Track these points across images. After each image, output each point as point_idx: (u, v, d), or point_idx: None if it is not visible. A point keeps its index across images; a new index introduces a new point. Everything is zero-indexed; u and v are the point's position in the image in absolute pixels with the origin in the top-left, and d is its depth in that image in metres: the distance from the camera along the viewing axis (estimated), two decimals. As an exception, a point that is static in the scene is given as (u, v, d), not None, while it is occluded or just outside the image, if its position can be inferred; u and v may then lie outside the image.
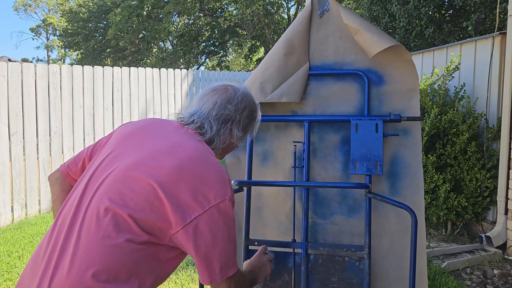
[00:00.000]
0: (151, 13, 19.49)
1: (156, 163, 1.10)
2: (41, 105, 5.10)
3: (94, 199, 1.09)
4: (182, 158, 1.11)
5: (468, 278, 3.13)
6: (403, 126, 1.91)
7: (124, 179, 1.09)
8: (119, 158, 1.16)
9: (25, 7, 35.68)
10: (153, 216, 1.06)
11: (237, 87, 1.37)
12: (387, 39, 1.79)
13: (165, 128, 1.25)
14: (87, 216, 1.07)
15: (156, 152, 1.13)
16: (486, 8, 6.06)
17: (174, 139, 1.18)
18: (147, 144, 1.17)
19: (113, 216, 1.05)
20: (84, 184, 1.15)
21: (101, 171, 1.15)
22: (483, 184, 3.74)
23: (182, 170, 1.08)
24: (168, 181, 1.07)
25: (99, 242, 1.02)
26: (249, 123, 1.38)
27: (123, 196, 1.07)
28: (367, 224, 1.82)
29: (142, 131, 1.24)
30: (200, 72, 8.45)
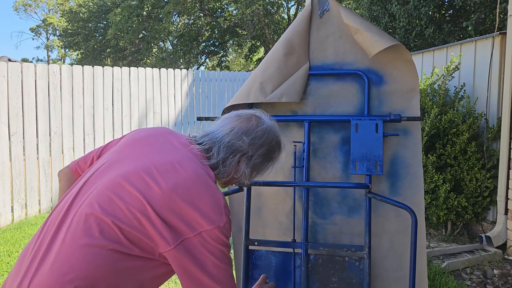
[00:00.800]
0: (151, 13, 19.49)
1: (152, 180, 1.06)
2: (41, 105, 5.10)
3: (84, 203, 1.07)
4: (179, 180, 1.06)
5: (468, 278, 3.13)
6: (403, 126, 1.90)
7: (117, 188, 1.06)
8: (118, 165, 1.13)
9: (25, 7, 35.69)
10: (140, 230, 1.02)
11: (263, 120, 1.25)
12: (388, 39, 1.79)
13: (171, 142, 1.19)
14: (75, 219, 1.04)
15: (155, 167, 1.09)
16: (486, 8, 6.06)
17: (176, 156, 1.13)
18: (148, 156, 1.13)
19: (99, 223, 1.02)
20: (79, 186, 1.13)
21: (98, 176, 1.13)
22: (483, 184, 3.74)
23: (176, 192, 1.04)
24: (159, 201, 1.03)
25: (82, 247, 1.00)
26: (262, 163, 1.26)
27: (113, 205, 1.04)
28: (367, 224, 1.82)
29: (148, 140, 1.20)
30: (200, 72, 8.45)
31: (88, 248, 1.00)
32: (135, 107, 6.55)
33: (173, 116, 7.44)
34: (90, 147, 5.69)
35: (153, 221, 1.02)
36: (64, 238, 1.03)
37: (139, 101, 6.66)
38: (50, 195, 5.21)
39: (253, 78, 2.01)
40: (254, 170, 1.26)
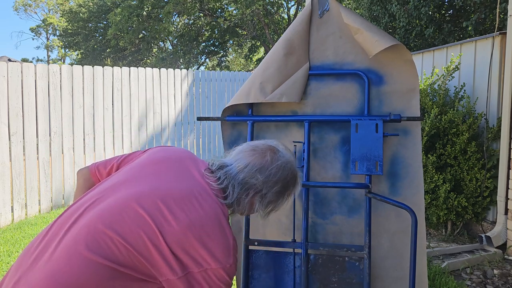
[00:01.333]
0: (151, 13, 19.49)
1: (168, 211, 1.05)
2: (41, 105, 5.10)
3: (95, 215, 1.07)
4: (195, 215, 1.06)
5: (468, 278, 3.13)
6: (403, 126, 1.90)
7: (129, 209, 1.06)
8: (135, 184, 1.12)
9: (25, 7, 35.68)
10: (146, 257, 1.02)
11: (278, 156, 1.22)
12: (388, 39, 1.79)
13: (190, 170, 1.17)
14: (83, 228, 1.05)
15: (172, 196, 1.08)
16: (486, 8, 6.06)
17: (194, 188, 1.11)
18: (166, 181, 1.12)
19: (104, 239, 1.02)
20: (96, 196, 1.13)
21: (114, 189, 1.12)
22: (483, 184, 3.74)
23: (190, 229, 1.04)
24: (173, 235, 1.03)
25: (80, 256, 1.00)
26: (277, 199, 1.24)
27: (123, 225, 1.04)
28: (367, 224, 1.82)
29: (169, 163, 1.18)
30: (200, 72, 8.45)
31: (85, 259, 1.00)
32: (135, 107, 6.55)
33: (173, 116, 7.44)
34: (90, 147, 5.70)
35: (162, 252, 1.02)
36: (68, 243, 1.04)
37: (139, 101, 6.66)
38: (50, 195, 5.21)
39: (253, 78, 2.01)
40: (268, 208, 1.25)
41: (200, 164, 1.21)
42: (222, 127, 2.11)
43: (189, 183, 1.12)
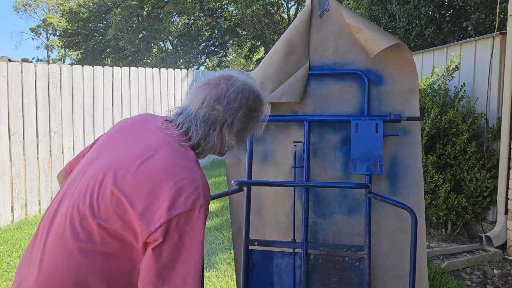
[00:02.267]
0: (151, 13, 19.49)
1: (125, 170, 1.03)
2: (41, 105, 5.10)
3: (69, 205, 1.06)
4: (152, 165, 1.02)
5: (468, 278, 3.13)
6: (403, 126, 1.90)
7: (94, 185, 1.05)
8: (96, 161, 1.11)
9: (25, 7, 35.68)
10: (120, 224, 1.00)
11: (233, 80, 1.16)
12: (390, 38, 1.79)
13: (147, 128, 1.15)
14: (62, 223, 1.04)
15: (128, 157, 1.06)
16: (486, 8, 6.06)
17: (151, 141, 1.08)
18: (124, 147, 1.10)
19: (84, 225, 1.01)
20: (65, 188, 1.12)
21: (80, 174, 1.12)
22: (483, 184, 3.74)
23: (150, 177, 1.00)
24: (132, 189, 1.00)
25: (71, 251, 1.00)
26: (247, 125, 1.18)
27: (93, 204, 1.02)
28: (367, 224, 1.82)
29: (127, 131, 1.16)
30: (200, 72, 8.45)
31: (78, 252, 1.00)
32: (135, 107, 6.55)
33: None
34: (90, 147, 5.70)
35: (128, 212, 0.99)
36: (53, 243, 1.03)
37: (139, 101, 6.66)
38: (50, 195, 5.21)
39: (253, 78, 2.01)
40: (240, 135, 1.18)
41: (158, 120, 1.18)
42: (222, 127, 2.11)
43: (145, 141, 1.09)
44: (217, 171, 7.39)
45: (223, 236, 4.12)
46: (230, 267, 3.35)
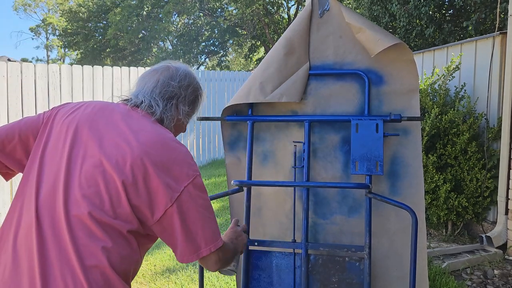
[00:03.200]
0: (151, 13, 19.49)
1: (120, 157, 1.06)
2: (40, 105, 5.09)
3: (71, 204, 1.02)
4: (145, 146, 1.08)
5: (468, 278, 3.12)
6: (403, 126, 1.90)
7: (95, 181, 1.04)
8: (83, 156, 1.08)
9: (25, 7, 35.66)
10: (131, 211, 1.04)
11: (179, 65, 1.34)
12: (390, 38, 1.79)
13: (116, 112, 1.17)
14: (69, 225, 1.00)
15: (117, 144, 1.08)
16: (487, 8, 6.05)
17: (131, 125, 1.13)
18: (106, 136, 1.10)
19: (98, 223, 1.01)
20: (62, 184, 1.06)
21: (67, 173, 1.06)
22: (483, 184, 3.74)
23: (148, 158, 1.06)
24: (135, 174, 1.04)
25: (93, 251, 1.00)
26: (195, 100, 1.35)
27: (102, 200, 1.03)
28: (367, 224, 1.82)
29: (96, 120, 1.15)
30: (200, 72, 8.45)
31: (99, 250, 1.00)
32: (135, 107, 6.55)
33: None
34: (90, 147, 5.69)
35: (134, 198, 1.04)
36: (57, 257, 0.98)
37: (139, 101, 6.65)
38: (49, 195, 5.21)
39: (253, 78, 2.00)
40: (191, 107, 1.34)
41: (118, 105, 1.23)
42: (222, 127, 2.11)
43: (125, 126, 1.13)
44: (217, 171, 7.38)
45: (223, 236, 4.11)
46: (230, 267, 3.34)
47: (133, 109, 1.20)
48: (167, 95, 1.26)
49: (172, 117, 1.27)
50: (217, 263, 1.15)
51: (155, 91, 1.25)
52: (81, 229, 1.00)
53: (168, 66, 1.33)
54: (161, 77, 1.28)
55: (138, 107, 1.21)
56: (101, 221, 1.02)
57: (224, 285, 3.04)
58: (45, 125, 1.18)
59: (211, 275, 3.20)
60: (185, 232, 1.08)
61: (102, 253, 1.00)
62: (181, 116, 1.30)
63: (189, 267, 3.36)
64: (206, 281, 3.09)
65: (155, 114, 1.21)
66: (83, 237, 1.00)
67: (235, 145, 2.10)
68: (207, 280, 3.11)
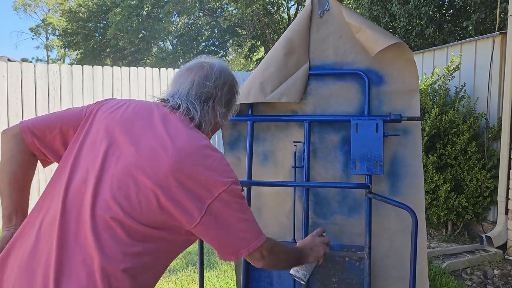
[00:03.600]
0: (151, 13, 19.49)
1: (155, 163, 1.04)
2: (40, 105, 5.09)
3: (99, 204, 1.02)
4: (181, 153, 1.06)
5: (468, 279, 3.12)
6: (403, 126, 1.90)
7: (126, 184, 1.03)
8: (118, 157, 1.08)
9: (25, 7, 35.64)
10: (163, 218, 1.04)
11: (213, 62, 1.30)
12: (390, 37, 1.79)
13: (156, 115, 1.16)
14: (96, 225, 1.00)
15: (153, 148, 1.07)
16: (487, 8, 6.05)
17: (169, 130, 1.11)
18: (143, 138, 1.10)
19: (123, 226, 1.01)
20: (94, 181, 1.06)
21: (100, 171, 1.06)
22: (483, 184, 3.74)
23: (182, 165, 1.04)
24: (169, 181, 1.03)
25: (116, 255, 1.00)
26: (231, 99, 1.32)
27: (131, 204, 1.02)
28: (367, 224, 1.82)
29: (134, 121, 1.14)
30: (200, 72, 8.44)
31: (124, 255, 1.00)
32: (135, 107, 6.55)
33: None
34: (90, 147, 5.69)
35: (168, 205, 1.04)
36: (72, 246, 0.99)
37: (139, 101, 6.65)
38: (49, 195, 5.21)
39: (253, 78, 2.00)
40: (228, 107, 1.32)
41: (158, 106, 1.21)
42: (222, 127, 2.10)
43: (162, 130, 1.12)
44: (217, 171, 7.38)
45: (223, 236, 4.11)
46: (230, 267, 3.34)
47: (172, 112, 1.18)
48: (203, 96, 1.23)
49: (209, 121, 1.25)
50: (261, 260, 1.15)
51: (191, 93, 1.22)
52: (105, 229, 1.00)
53: (202, 64, 1.29)
54: (196, 78, 1.24)
55: (177, 110, 1.19)
56: (126, 225, 1.01)
57: (224, 285, 3.04)
58: (86, 120, 1.19)
59: (211, 275, 3.20)
60: (221, 236, 1.09)
61: (122, 257, 0.99)
62: (218, 118, 1.28)
63: (189, 267, 3.36)
64: (206, 281, 3.09)
65: (194, 120, 1.19)
66: (106, 237, 1.00)
67: (235, 145, 2.10)
68: (207, 280, 3.11)
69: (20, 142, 1.18)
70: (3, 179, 1.19)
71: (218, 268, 3.35)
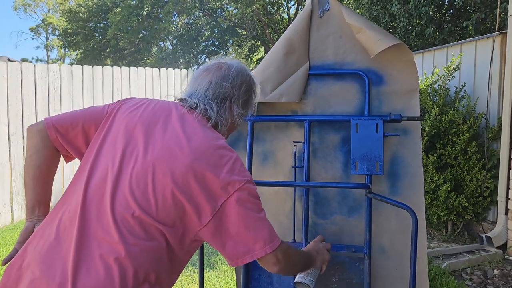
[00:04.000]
0: (151, 13, 19.49)
1: (171, 162, 1.07)
2: (40, 105, 5.09)
3: (118, 201, 1.05)
4: (197, 153, 1.08)
5: (468, 279, 3.12)
6: (403, 126, 1.90)
7: (144, 182, 1.06)
8: (137, 155, 1.11)
9: (25, 7, 35.63)
10: (177, 216, 1.06)
11: (231, 63, 1.31)
12: (391, 38, 1.79)
13: (174, 115, 1.19)
14: (114, 220, 1.04)
15: (170, 147, 1.10)
16: (487, 8, 6.05)
17: (186, 129, 1.14)
18: (161, 138, 1.13)
19: (140, 223, 1.04)
20: (113, 177, 1.08)
21: (119, 169, 1.09)
22: (483, 184, 3.74)
23: (197, 165, 1.07)
24: (185, 179, 1.06)
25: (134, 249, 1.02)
26: (248, 99, 1.33)
27: (149, 203, 1.05)
28: (367, 224, 1.82)
29: (153, 121, 1.17)
30: (200, 72, 8.44)
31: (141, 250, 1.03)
32: (135, 107, 6.54)
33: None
34: (90, 147, 5.69)
35: (183, 203, 1.05)
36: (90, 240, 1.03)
37: (139, 101, 6.65)
38: (49, 195, 5.20)
39: (253, 78, 2.00)
40: (245, 108, 1.32)
41: (176, 106, 1.23)
42: (222, 127, 2.10)
43: (179, 129, 1.14)
44: (217, 171, 7.38)
45: (223, 236, 4.11)
46: (230, 267, 3.35)
47: (190, 112, 1.20)
48: (220, 97, 1.24)
49: (226, 121, 1.26)
50: (276, 265, 1.13)
51: (208, 93, 1.24)
52: (124, 225, 1.03)
53: (220, 65, 1.30)
54: (214, 78, 1.26)
55: (194, 110, 1.21)
56: (143, 221, 1.04)
57: (224, 285, 3.04)
58: (107, 118, 1.22)
59: (211, 275, 3.20)
60: (233, 236, 1.08)
61: (139, 252, 1.02)
62: (235, 119, 1.29)
63: (189, 267, 3.36)
64: (206, 281, 3.09)
65: (210, 119, 1.21)
66: (125, 233, 1.02)
67: (235, 145, 2.10)
68: (207, 280, 3.11)
69: (45, 138, 1.22)
70: (28, 173, 1.23)
71: (218, 268, 3.35)
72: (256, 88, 1.36)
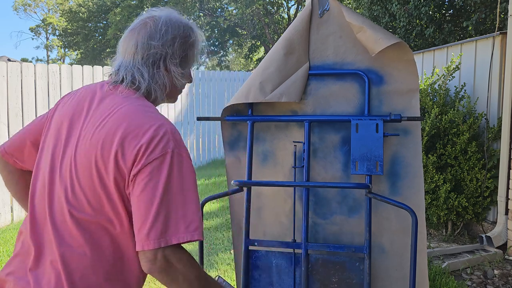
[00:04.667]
0: (151, 13, 19.46)
1: (91, 149, 1.01)
2: (40, 105, 5.09)
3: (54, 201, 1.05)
4: (116, 123, 1.00)
5: (468, 279, 3.12)
6: (403, 126, 1.90)
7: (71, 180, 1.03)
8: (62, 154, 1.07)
9: (25, 7, 35.65)
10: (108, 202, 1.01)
11: (157, 17, 1.12)
12: (391, 37, 1.79)
13: (97, 97, 1.10)
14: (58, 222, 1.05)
15: (86, 136, 1.04)
16: (487, 8, 6.05)
17: (111, 106, 1.05)
18: (80, 129, 1.07)
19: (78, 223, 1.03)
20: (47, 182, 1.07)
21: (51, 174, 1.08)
22: (483, 184, 3.74)
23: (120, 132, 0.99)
24: (106, 154, 0.99)
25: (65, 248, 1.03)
26: (187, 54, 1.15)
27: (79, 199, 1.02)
28: (367, 224, 1.82)
29: (75, 113, 1.10)
30: (200, 72, 8.45)
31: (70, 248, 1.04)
32: (135, 107, 6.55)
33: (173, 116, 7.43)
34: (90, 147, 5.69)
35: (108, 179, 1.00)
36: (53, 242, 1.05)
37: (139, 101, 6.65)
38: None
39: (253, 78, 2.00)
40: (185, 65, 1.16)
41: (102, 86, 1.14)
42: (222, 127, 2.11)
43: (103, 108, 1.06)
44: (217, 171, 7.38)
45: (223, 236, 4.12)
46: (230, 267, 3.34)
47: (115, 88, 1.10)
48: (151, 59, 1.09)
49: (163, 85, 1.13)
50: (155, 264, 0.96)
51: (136, 58, 1.09)
52: (63, 226, 1.03)
53: (145, 21, 1.12)
54: (139, 39, 1.09)
55: (120, 85, 1.10)
56: (77, 217, 1.02)
57: (224, 285, 3.03)
58: (48, 123, 1.17)
59: (211, 275, 3.20)
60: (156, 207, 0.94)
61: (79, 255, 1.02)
62: (176, 79, 1.14)
63: (189, 267, 3.35)
64: (206, 281, 3.08)
65: (139, 89, 1.09)
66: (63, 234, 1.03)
67: (235, 145, 2.10)
68: (207, 280, 3.10)
69: (6, 165, 1.24)
70: (15, 196, 1.29)
71: (218, 268, 3.35)
72: (195, 36, 1.17)
